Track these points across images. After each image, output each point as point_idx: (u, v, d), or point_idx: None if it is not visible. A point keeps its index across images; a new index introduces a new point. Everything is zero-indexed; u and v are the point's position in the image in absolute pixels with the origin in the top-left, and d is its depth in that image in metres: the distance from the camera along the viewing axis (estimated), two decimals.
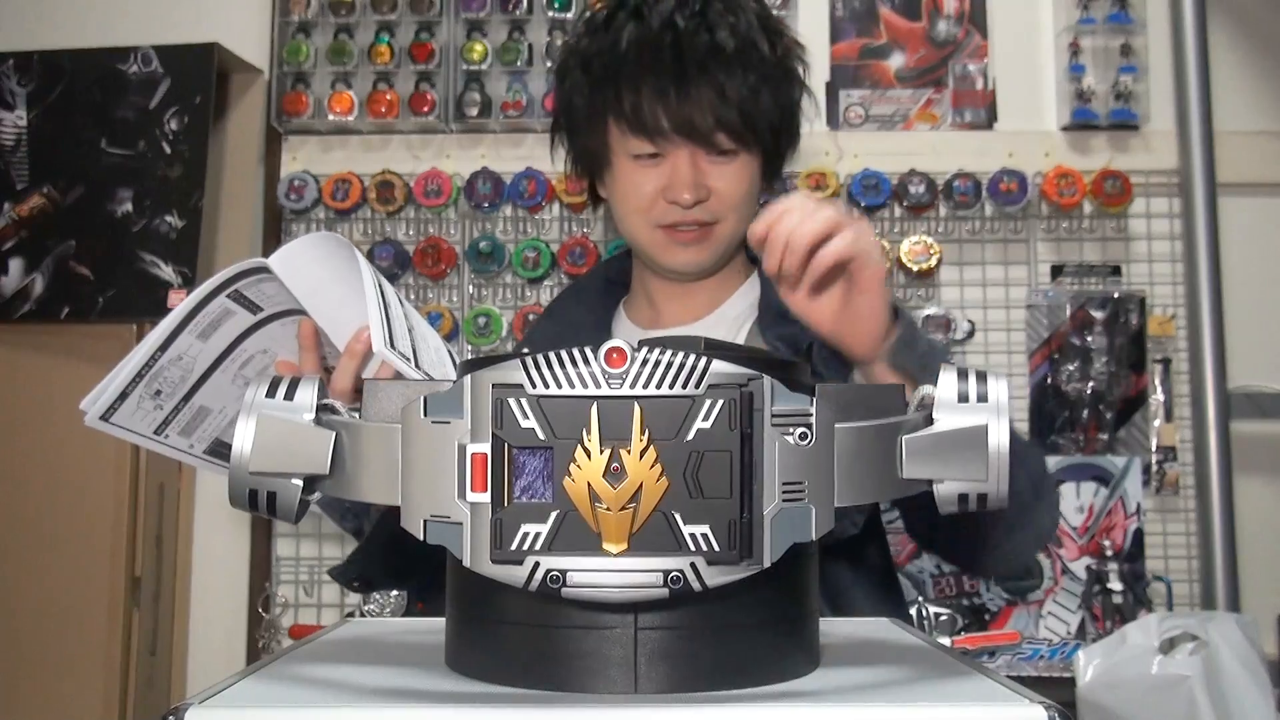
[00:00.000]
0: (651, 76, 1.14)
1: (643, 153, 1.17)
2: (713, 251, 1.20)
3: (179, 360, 0.98)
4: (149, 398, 0.98)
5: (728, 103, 1.14)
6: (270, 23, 2.11)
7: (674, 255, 1.20)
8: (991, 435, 0.56)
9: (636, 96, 1.14)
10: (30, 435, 1.90)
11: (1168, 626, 1.66)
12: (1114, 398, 2.02)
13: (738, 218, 1.19)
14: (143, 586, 1.90)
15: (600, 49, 1.18)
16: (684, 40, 1.14)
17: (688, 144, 1.15)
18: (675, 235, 1.18)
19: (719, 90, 1.13)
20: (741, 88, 1.14)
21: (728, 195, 1.17)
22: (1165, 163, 2.08)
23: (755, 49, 1.16)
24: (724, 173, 1.17)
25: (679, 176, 1.15)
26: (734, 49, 1.14)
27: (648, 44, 1.14)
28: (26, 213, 1.98)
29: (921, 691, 0.55)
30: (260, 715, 0.52)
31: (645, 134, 1.15)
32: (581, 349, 0.52)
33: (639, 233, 1.20)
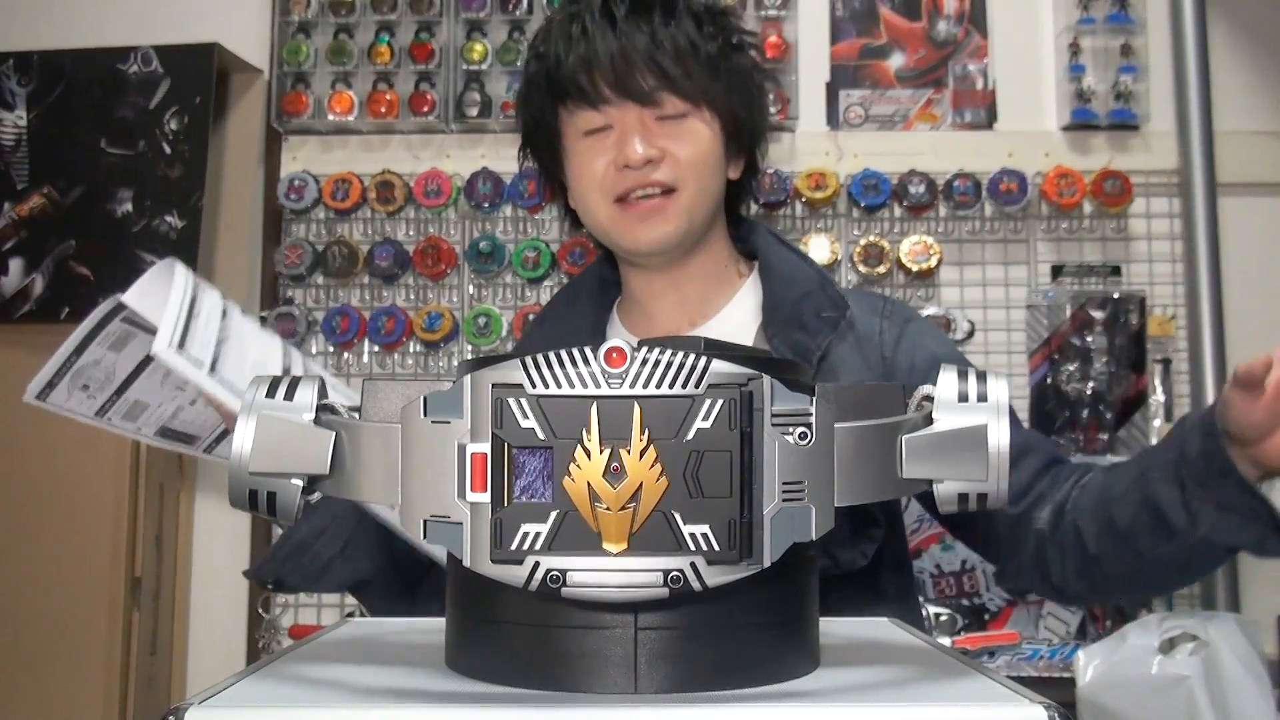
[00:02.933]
0: (583, 43, 1.12)
1: (591, 127, 1.15)
2: (677, 222, 1.15)
3: (97, 364, 1.04)
4: (78, 390, 1.04)
5: (663, 52, 1.12)
6: (270, 23, 2.11)
7: (635, 232, 1.15)
8: (991, 435, 0.56)
9: (576, 70, 1.13)
10: (30, 435, 1.90)
11: (1168, 626, 1.66)
12: (1114, 398, 2.02)
13: (699, 183, 1.15)
14: (143, 586, 1.90)
15: (542, 54, 1.18)
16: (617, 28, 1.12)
17: (632, 106, 1.13)
18: (634, 209, 1.14)
19: (652, 40, 1.12)
20: (678, 35, 1.12)
21: (683, 157, 1.13)
22: (1165, 163, 2.08)
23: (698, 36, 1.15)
24: (676, 132, 1.14)
25: (627, 135, 1.13)
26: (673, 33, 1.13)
27: (578, 14, 1.14)
28: (26, 213, 1.98)
29: (921, 691, 0.55)
30: (260, 715, 0.52)
31: (588, 102, 1.13)
32: (581, 349, 0.52)
33: (598, 212, 1.16)
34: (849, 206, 2.06)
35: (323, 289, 2.09)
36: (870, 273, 2.01)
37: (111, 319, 1.02)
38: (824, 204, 2.04)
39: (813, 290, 1.18)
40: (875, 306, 1.20)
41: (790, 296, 1.18)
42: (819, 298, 1.17)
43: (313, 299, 2.09)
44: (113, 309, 1.01)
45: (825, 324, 1.15)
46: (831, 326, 1.15)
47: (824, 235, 2.04)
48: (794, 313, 1.16)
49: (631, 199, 1.14)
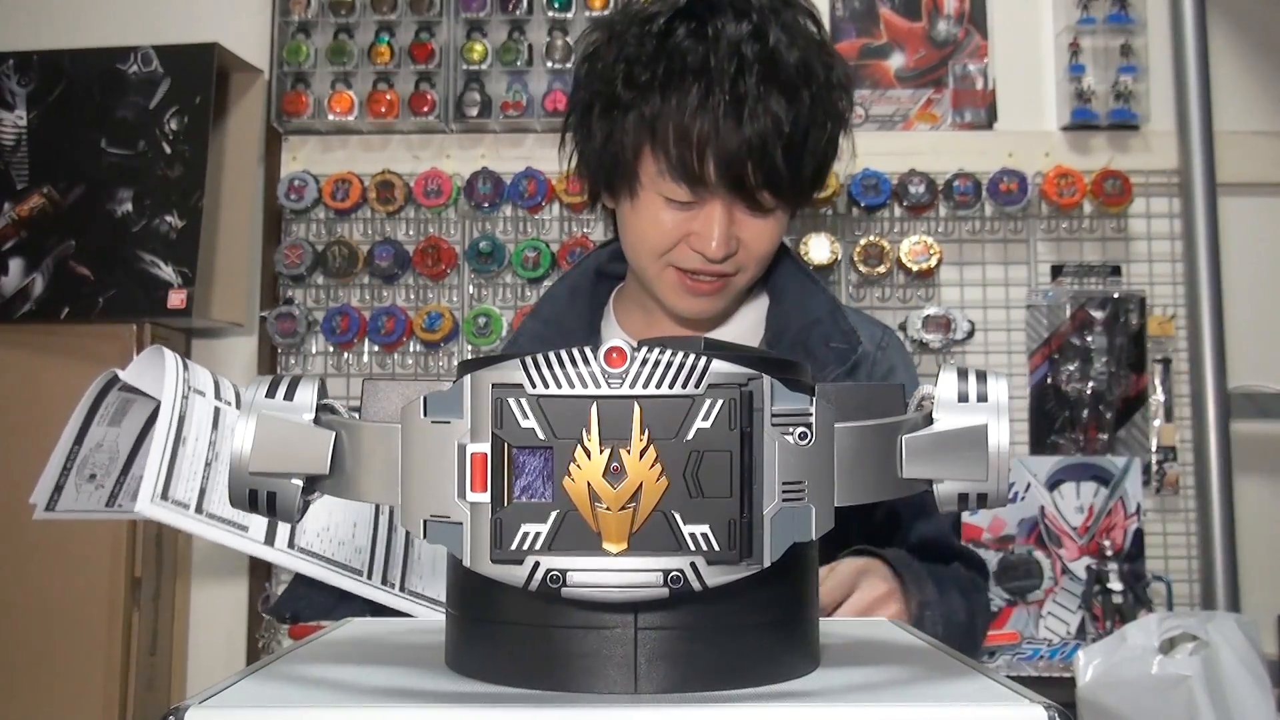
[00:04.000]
0: (706, 118, 1.02)
1: (678, 199, 1.07)
2: (726, 300, 1.14)
3: (100, 447, 1.01)
4: (85, 482, 1.01)
5: (779, 172, 1.04)
6: (270, 23, 2.11)
7: (684, 301, 1.12)
8: (992, 435, 0.56)
9: (686, 143, 1.03)
10: (30, 435, 1.89)
11: (1168, 626, 1.66)
12: (1114, 398, 2.02)
13: (759, 269, 1.13)
14: (143, 586, 1.90)
15: (649, 61, 1.05)
16: (742, 110, 1.02)
17: (728, 197, 1.06)
18: (690, 284, 1.10)
19: (773, 138, 1.03)
20: (795, 133, 1.04)
21: (756, 249, 1.10)
22: (1165, 163, 2.08)
23: (815, 116, 1.06)
24: (757, 226, 1.09)
25: (710, 229, 1.06)
26: (794, 121, 1.04)
27: (705, 106, 1.03)
28: (26, 213, 1.98)
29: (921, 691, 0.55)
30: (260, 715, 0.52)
31: (687, 183, 1.05)
32: (581, 349, 0.52)
33: (650, 269, 1.12)
34: (849, 206, 2.06)
35: (323, 289, 2.09)
36: (870, 273, 2.01)
37: (107, 393, 1.01)
38: (824, 204, 2.04)
39: (823, 318, 1.16)
40: (874, 337, 1.19)
41: (799, 321, 1.16)
42: (829, 326, 1.15)
43: (313, 299, 2.09)
44: (109, 381, 1.00)
45: (834, 355, 1.13)
46: (840, 359, 1.13)
47: (824, 235, 2.04)
48: (801, 339, 1.15)
49: (693, 276, 1.10)
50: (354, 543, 1.00)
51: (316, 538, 0.99)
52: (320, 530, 0.99)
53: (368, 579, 0.99)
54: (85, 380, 1.02)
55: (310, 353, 2.07)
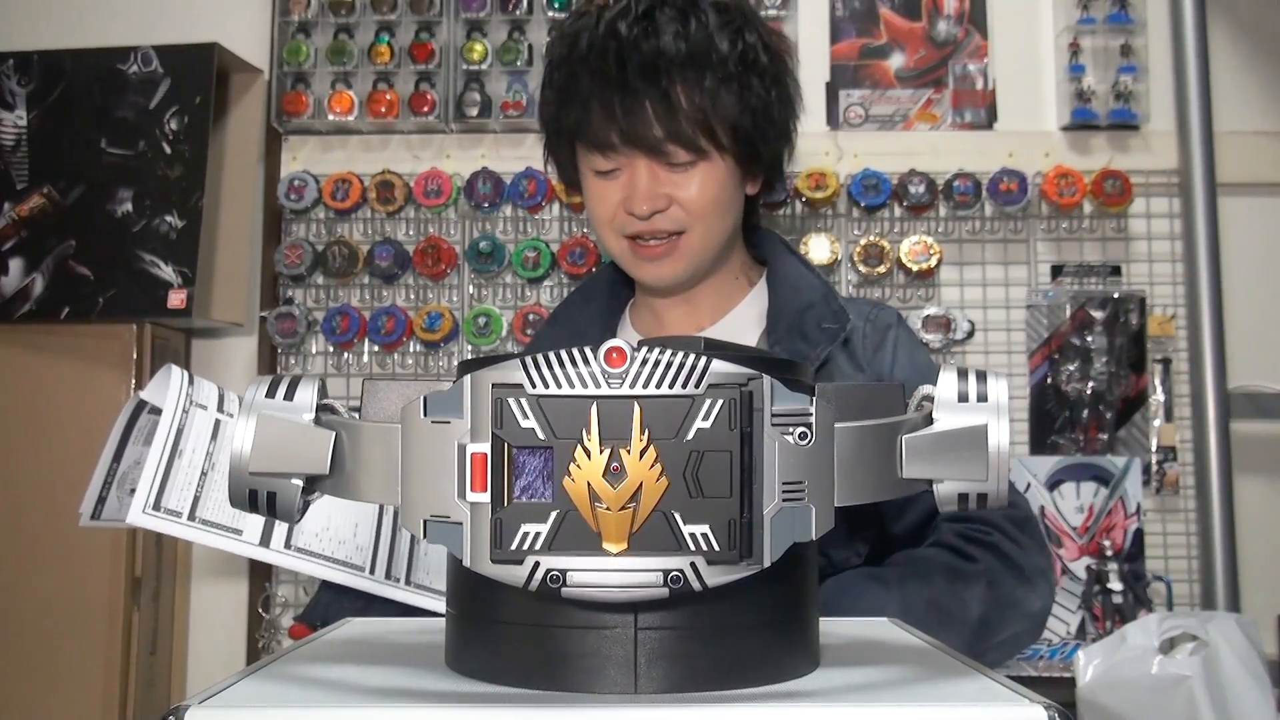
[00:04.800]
0: (596, 90, 1.12)
1: (601, 169, 1.16)
2: (686, 264, 1.18)
3: (137, 465, 1.04)
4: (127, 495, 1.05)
5: (675, 113, 1.11)
6: (270, 23, 2.11)
7: (644, 269, 1.19)
8: (992, 435, 0.56)
9: (585, 112, 1.13)
10: (30, 435, 1.90)
11: (1168, 626, 1.66)
12: (1114, 398, 2.02)
13: (706, 226, 1.17)
14: (143, 586, 1.90)
15: (559, 59, 1.17)
16: (626, 50, 1.11)
17: (640, 156, 1.13)
18: (641, 250, 1.17)
19: (665, 100, 1.10)
20: (694, 93, 1.11)
21: (691, 204, 1.15)
22: (1165, 163, 2.08)
23: (711, 50, 1.12)
24: (684, 181, 1.15)
25: (634, 188, 1.14)
26: (684, 53, 1.11)
27: (593, 55, 1.13)
28: (26, 213, 1.98)
29: (921, 691, 0.55)
30: (260, 715, 0.52)
31: (597, 149, 1.14)
32: (581, 349, 0.52)
33: (611, 245, 1.20)
34: (849, 206, 2.06)
35: (323, 289, 2.09)
36: (870, 273, 2.01)
37: (139, 415, 1.04)
38: (824, 204, 2.04)
39: (816, 302, 1.20)
40: (863, 312, 1.22)
41: (795, 306, 1.20)
42: (821, 309, 1.19)
43: (313, 299, 2.09)
44: (136, 405, 1.03)
45: (825, 335, 1.17)
46: (831, 338, 1.17)
47: (824, 235, 2.04)
48: (797, 322, 1.18)
49: (640, 240, 1.17)
50: (355, 541, 1.02)
51: (315, 538, 1.00)
52: (319, 530, 1.00)
53: (370, 574, 1.00)
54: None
55: (310, 353, 2.07)
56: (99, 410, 1.87)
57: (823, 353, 1.15)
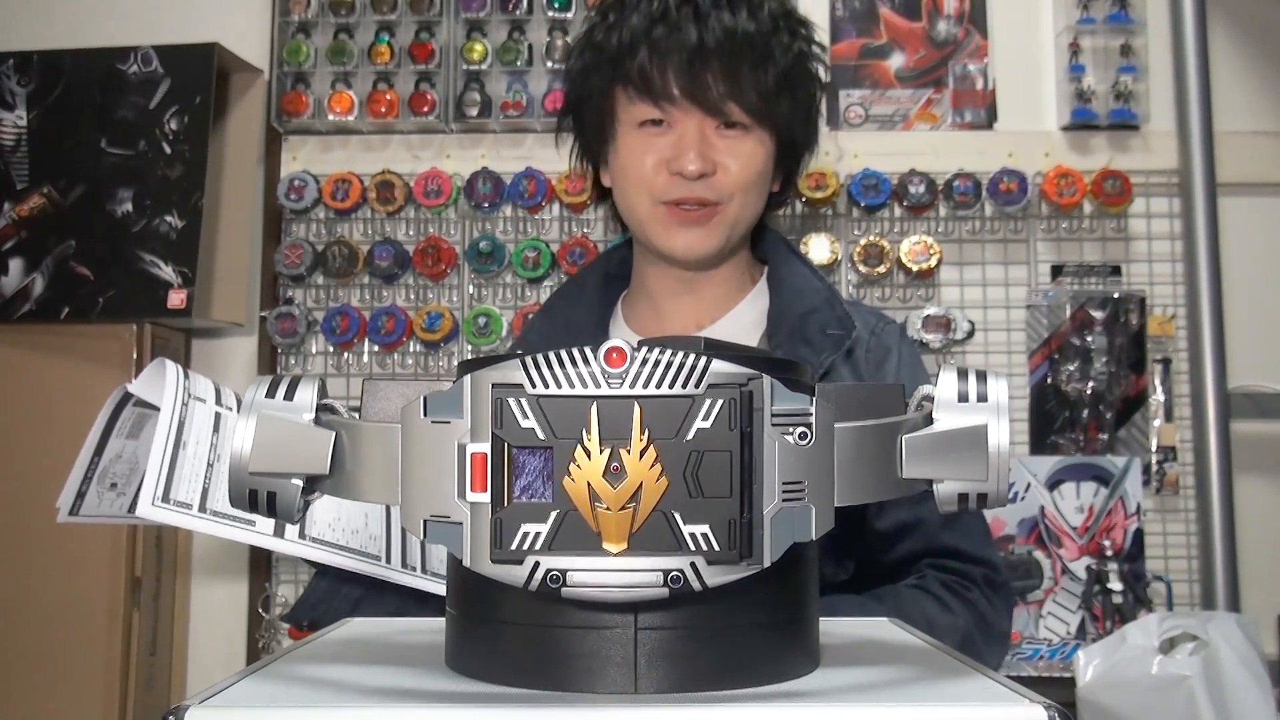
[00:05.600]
0: (663, 41, 1.09)
1: (649, 119, 1.12)
2: (718, 236, 1.14)
3: (119, 459, 1.02)
4: (107, 490, 1.02)
5: (739, 77, 1.10)
6: (270, 23, 2.11)
7: (674, 236, 1.14)
8: (992, 435, 0.56)
9: (646, 61, 1.10)
10: (30, 435, 1.90)
11: (1168, 626, 1.66)
12: (1114, 398, 2.02)
13: (745, 200, 1.14)
14: (143, 586, 1.90)
15: (613, 26, 1.14)
16: (700, 19, 1.09)
17: (697, 111, 1.10)
18: (677, 214, 1.13)
19: (733, 68, 1.09)
20: (758, 71, 1.10)
21: (737, 172, 1.12)
22: (1165, 163, 2.08)
23: (775, 38, 1.12)
24: (734, 148, 1.12)
25: (685, 144, 1.10)
26: (753, 33, 1.10)
27: (664, 17, 1.10)
28: (26, 213, 1.98)
29: (921, 691, 0.55)
30: (260, 715, 0.52)
31: (652, 97, 1.10)
32: (581, 349, 0.52)
33: (639, 208, 1.14)
34: (849, 206, 2.06)
35: (323, 289, 2.09)
36: (870, 273, 2.01)
37: (123, 408, 1.02)
38: (824, 204, 2.04)
39: (820, 306, 1.18)
40: (869, 324, 1.20)
41: (797, 310, 1.18)
42: (825, 314, 1.17)
43: (313, 299, 2.09)
44: (122, 398, 1.01)
45: (830, 341, 1.15)
46: (836, 345, 1.14)
47: (824, 235, 2.04)
48: (799, 327, 1.16)
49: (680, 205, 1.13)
50: (367, 531, 1.01)
51: (328, 528, 0.99)
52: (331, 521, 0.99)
53: (386, 563, 0.99)
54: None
55: (310, 353, 2.07)
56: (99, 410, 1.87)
57: (827, 360, 1.13)
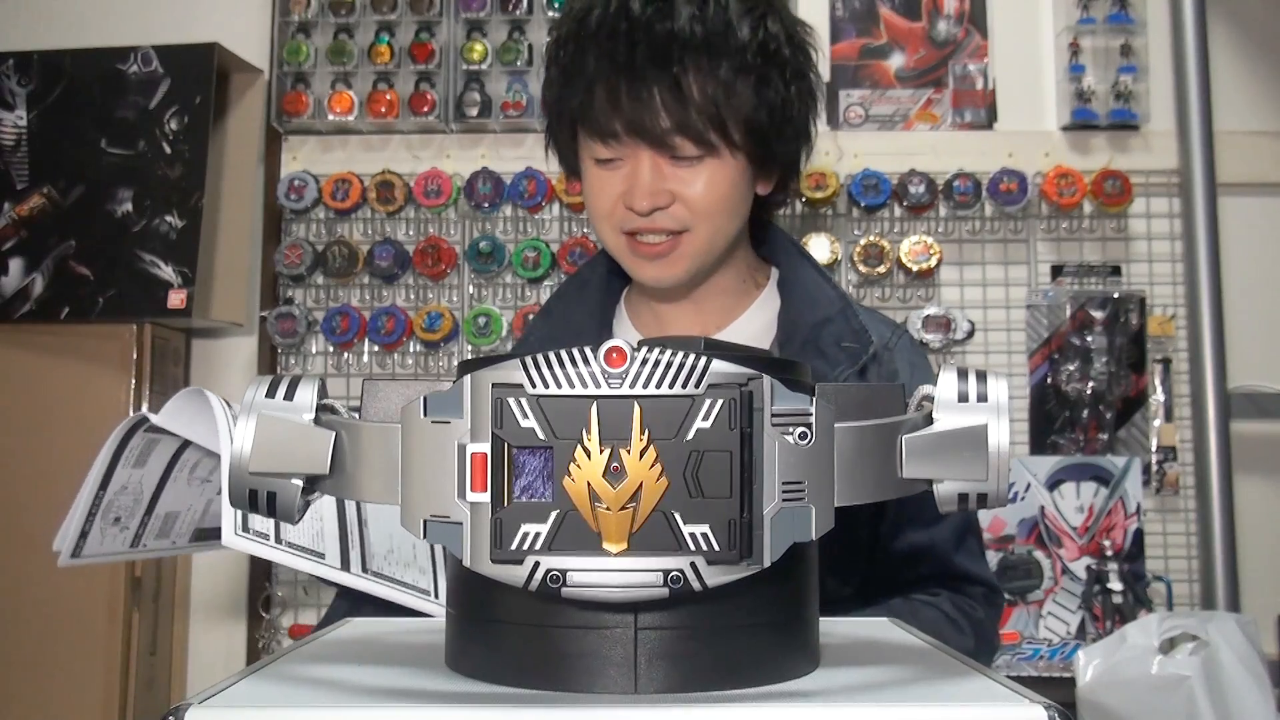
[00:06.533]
0: (602, 73, 1.04)
1: (602, 157, 1.09)
2: (684, 265, 1.10)
3: (124, 490, 1.00)
4: (110, 525, 1.01)
5: (685, 102, 1.03)
6: (270, 23, 2.11)
7: (642, 268, 1.11)
8: (992, 435, 0.56)
9: (589, 96, 1.05)
10: (30, 435, 1.90)
11: (1168, 626, 1.66)
12: (1114, 398, 2.02)
13: (712, 225, 1.09)
14: (143, 586, 1.90)
15: (565, 38, 1.09)
16: (637, 30, 1.03)
17: (644, 147, 1.06)
18: (639, 247, 1.10)
19: (675, 89, 1.03)
20: (707, 83, 1.03)
21: (695, 201, 1.07)
22: (1165, 163, 2.08)
23: (730, 36, 1.05)
24: (690, 177, 1.07)
25: (635, 182, 1.06)
26: (700, 38, 1.03)
27: (602, 34, 1.05)
28: (26, 213, 1.98)
29: (921, 691, 0.55)
30: (260, 715, 0.52)
31: (599, 137, 1.07)
32: (581, 349, 0.52)
33: (608, 240, 1.12)
34: (849, 206, 2.06)
35: (323, 289, 2.09)
36: (870, 273, 2.01)
37: (134, 434, 0.99)
38: (824, 204, 2.04)
39: (834, 316, 1.14)
40: (884, 338, 1.16)
41: (810, 319, 1.14)
42: (840, 325, 1.13)
43: (313, 299, 2.09)
44: (136, 423, 0.99)
45: (846, 355, 1.11)
46: (852, 359, 1.11)
47: (824, 235, 2.04)
48: (813, 337, 1.13)
49: (639, 237, 1.10)
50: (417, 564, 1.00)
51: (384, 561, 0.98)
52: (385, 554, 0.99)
53: (435, 598, 0.98)
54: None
55: (310, 353, 2.07)
56: (99, 410, 1.88)
57: (842, 374, 1.09)
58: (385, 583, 0.97)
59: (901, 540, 1.12)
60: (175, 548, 1.08)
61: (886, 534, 1.12)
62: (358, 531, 0.99)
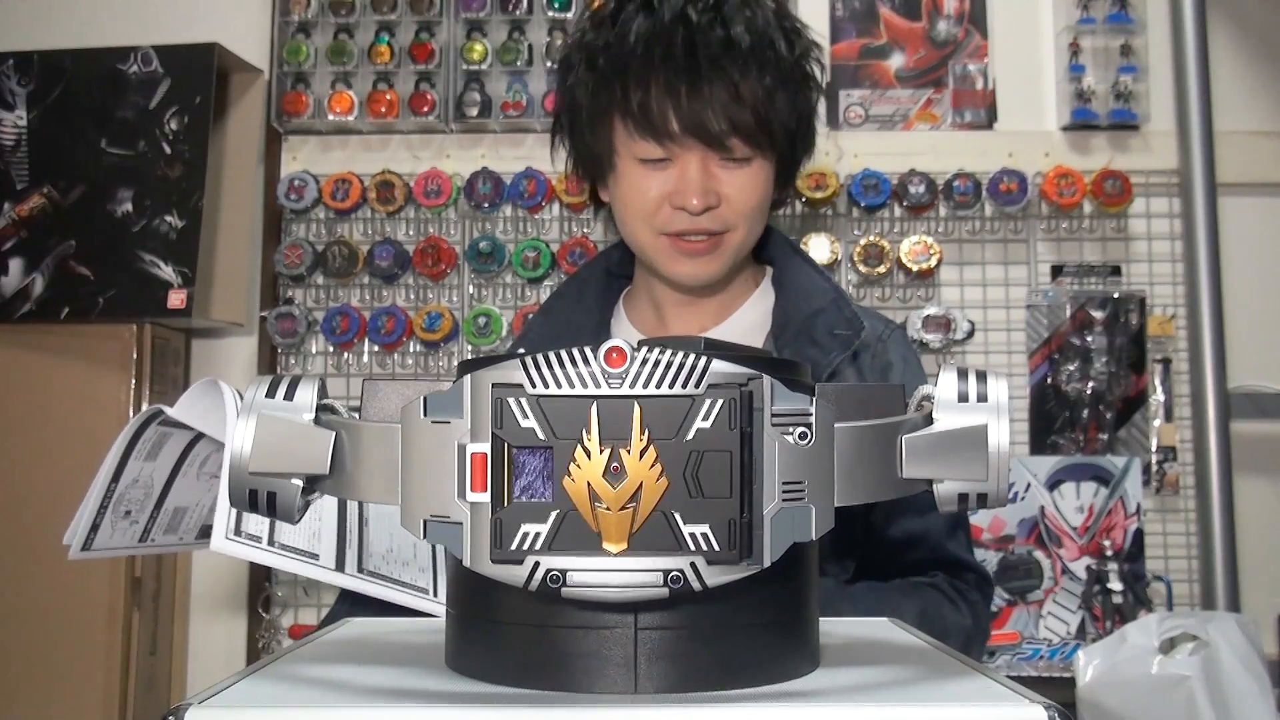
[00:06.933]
0: (661, 73, 1.07)
1: (650, 156, 1.11)
2: (722, 263, 1.14)
3: (135, 484, 1.00)
4: (121, 519, 1.01)
5: (742, 104, 1.07)
6: (270, 23, 2.11)
7: (679, 265, 1.14)
8: (992, 435, 0.56)
9: (645, 94, 1.08)
10: (30, 435, 1.90)
11: (1168, 626, 1.66)
12: (1114, 398, 2.02)
13: (748, 227, 1.14)
14: (143, 586, 1.90)
15: (607, 43, 1.11)
16: (697, 35, 1.07)
17: (699, 147, 1.09)
18: (682, 245, 1.12)
19: (733, 90, 1.07)
20: (757, 88, 1.08)
21: (739, 203, 1.11)
22: (1165, 163, 2.08)
23: (772, 47, 1.10)
24: (736, 179, 1.11)
25: (688, 181, 1.09)
26: (750, 45, 1.08)
27: (658, 38, 1.08)
28: (26, 213, 1.98)
29: (921, 691, 0.55)
30: (260, 715, 0.52)
31: (653, 135, 1.09)
32: (581, 349, 0.52)
33: (643, 239, 1.15)
34: (849, 206, 2.06)
35: (323, 289, 2.09)
36: (870, 273, 2.01)
37: (147, 426, 0.99)
38: (824, 204, 2.04)
39: (827, 307, 1.17)
40: (877, 330, 1.19)
41: (804, 311, 1.17)
42: (833, 315, 1.16)
43: (313, 299, 2.09)
44: (150, 415, 0.99)
45: (838, 341, 1.14)
46: (844, 345, 1.14)
47: (824, 235, 2.04)
48: (807, 327, 1.16)
49: (684, 237, 1.13)
50: (416, 563, 1.00)
51: (383, 560, 0.98)
52: (384, 553, 0.99)
53: (434, 597, 0.98)
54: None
55: (310, 353, 2.07)
56: (99, 410, 1.88)
57: (835, 360, 1.12)
58: (381, 582, 0.97)
59: (896, 527, 1.14)
60: (182, 543, 1.08)
61: (881, 521, 1.13)
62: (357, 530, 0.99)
